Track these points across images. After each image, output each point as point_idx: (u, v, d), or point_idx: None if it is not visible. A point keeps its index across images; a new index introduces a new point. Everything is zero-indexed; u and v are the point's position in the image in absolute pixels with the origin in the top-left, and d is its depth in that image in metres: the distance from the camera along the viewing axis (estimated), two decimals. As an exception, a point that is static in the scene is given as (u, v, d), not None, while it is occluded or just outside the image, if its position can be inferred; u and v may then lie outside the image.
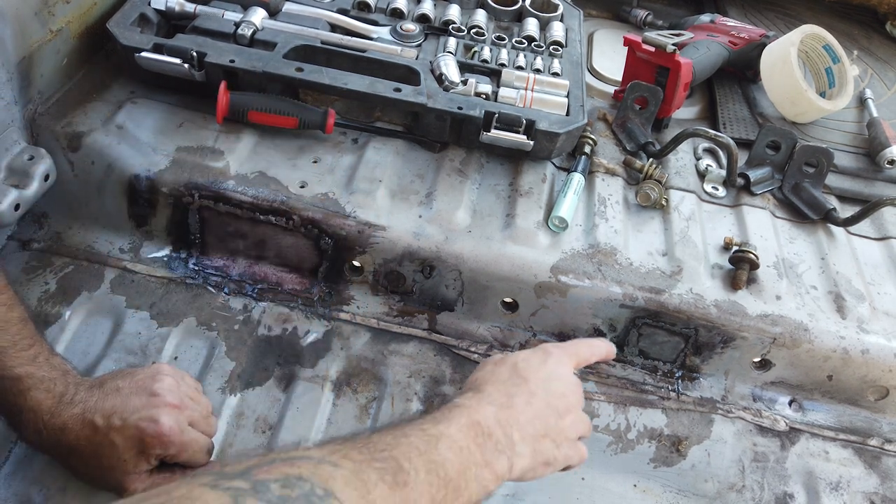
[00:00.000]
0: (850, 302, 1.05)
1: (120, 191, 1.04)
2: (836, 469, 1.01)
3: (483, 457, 0.67)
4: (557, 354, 0.83)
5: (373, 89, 1.08)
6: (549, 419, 0.76)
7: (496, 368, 0.80)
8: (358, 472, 0.56)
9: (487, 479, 0.67)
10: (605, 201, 1.12)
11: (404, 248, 1.02)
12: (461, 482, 0.64)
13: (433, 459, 0.63)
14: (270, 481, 0.50)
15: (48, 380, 0.78)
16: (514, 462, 0.71)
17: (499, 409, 0.73)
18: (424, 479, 0.61)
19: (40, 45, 1.03)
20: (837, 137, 1.34)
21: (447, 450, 0.64)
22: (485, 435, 0.69)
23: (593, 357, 0.90)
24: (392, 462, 0.59)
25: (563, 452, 0.77)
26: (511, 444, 0.71)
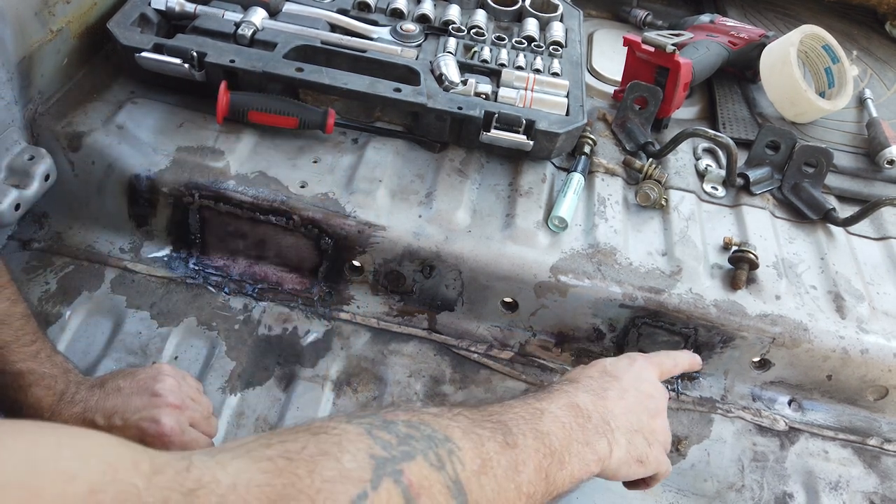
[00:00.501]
0: (849, 302, 1.05)
1: (120, 191, 1.05)
2: (835, 469, 1.01)
3: (584, 436, 0.69)
4: (643, 361, 0.85)
5: (373, 89, 1.08)
6: (642, 416, 0.78)
7: (586, 369, 0.82)
8: (472, 427, 0.60)
9: (589, 459, 0.68)
10: (605, 201, 1.12)
11: (404, 248, 1.02)
12: (565, 455, 0.65)
13: (539, 429, 0.65)
14: (398, 421, 0.55)
15: (49, 377, 0.78)
16: (614, 448, 0.72)
17: (595, 397, 0.74)
18: (532, 444, 0.63)
19: (40, 45, 1.03)
20: (837, 137, 1.34)
21: (551, 423, 0.67)
22: (584, 416, 0.70)
23: (676, 369, 0.91)
24: (502, 426, 0.62)
25: (654, 453, 0.77)
26: (609, 430, 0.72)
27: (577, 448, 0.67)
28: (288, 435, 0.50)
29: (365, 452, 0.50)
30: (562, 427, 0.67)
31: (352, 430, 0.52)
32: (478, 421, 0.61)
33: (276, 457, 0.48)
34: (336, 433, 0.51)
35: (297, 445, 0.49)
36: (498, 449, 0.60)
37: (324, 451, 0.49)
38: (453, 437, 0.57)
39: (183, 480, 0.43)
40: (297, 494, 0.45)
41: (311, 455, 0.48)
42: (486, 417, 0.63)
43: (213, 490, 0.43)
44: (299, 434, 0.50)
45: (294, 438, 0.50)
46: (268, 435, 0.51)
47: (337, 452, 0.49)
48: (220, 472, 0.45)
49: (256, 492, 0.44)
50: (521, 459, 0.61)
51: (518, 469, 0.60)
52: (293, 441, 0.49)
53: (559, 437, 0.66)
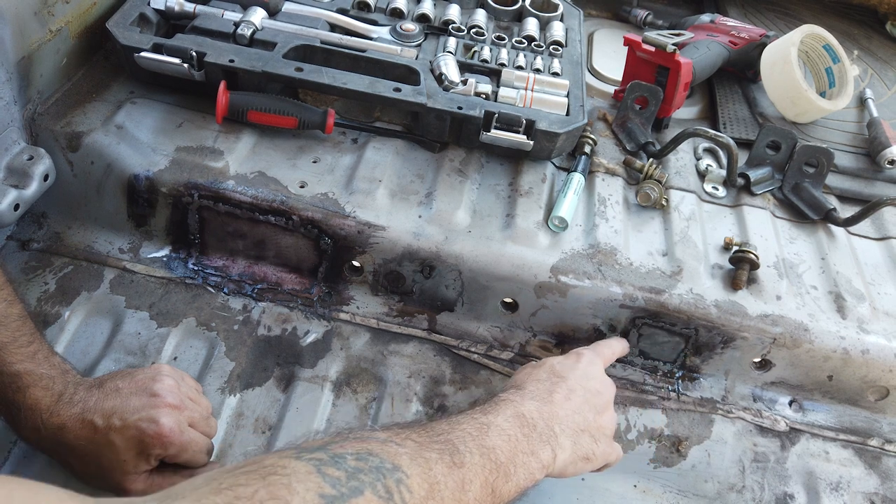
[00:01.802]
0: (850, 302, 1.05)
1: (119, 191, 1.04)
2: (836, 469, 1.01)
3: (529, 446, 0.71)
4: (588, 355, 0.89)
5: (372, 89, 1.08)
6: (588, 415, 0.80)
7: (534, 371, 0.84)
8: (420, 452, 0.61)
9: (534, 467, 0.71)
10: (605, 201, 1.12)
11: (404, 248, 1.02)
12: (510, 467, 0.68)
13: (485, 444, 0.67)
14: (346, 454, 0.56)
15: (47, 377, 0.78)
16: (558, 453, 0.74)
17: (540, 403, 0.77)
18: (478, 461, 0.65)
19: (40, 45, 1.03)
20: (837, 137, 1.34)
21: (497, 437, 0.69)
22: (529, 426, 0.73)
23: (613, 355, 0.96)
24: (449, 445, 0.64)
25: (601, 448, 0.80)
26: (553, 436, 0.74)
27: (523, 458, 0.70)
28: (239, 478, 0.50)
29: (314, 492, 0.51)
30: (507, 440, 0.70)
31: (301, 469, 0.52)
32: (426, 444, 0.63)
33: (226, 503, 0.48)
34: (286, 473, 0.52)
35: (249, 490, 0.49)
36: (445, 471, 0.61)
37: (273, 494, 0.49)
38: (401, 465, 0.58)
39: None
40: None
41: (261, 500, 0.48)
42: (433, 438, 0.64)
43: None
44: (250, 476, 0.51)
45: (245, 482, 0.50)
46: (220, 476, 0.51)
47: (287, 495, 0.49)
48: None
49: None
50: (468, 478, 0.63)
51: (465, 488, 0.62)
52: (244, 486, 0.49)
53: (505, 451, 0.68)
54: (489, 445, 0.67)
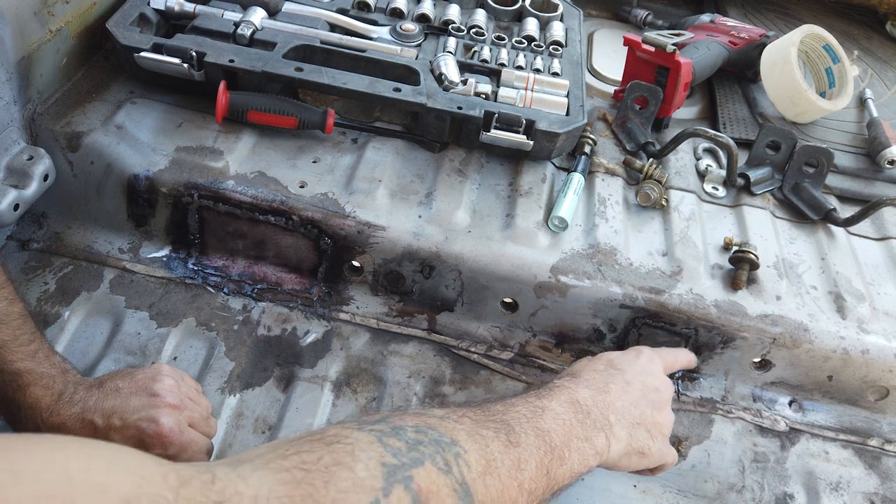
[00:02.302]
0: (850, 302, 1.05)
1: (119, 191, 1.04)
2: (836, 469, 1.01)
3: (583, 431, 0.71)
4: (648, 353, 0.88)
5: (372, 89, 1.08)
6: (645, 409, 0.80)
7: (591, 362, 0.84)
8: (476, 429, 0.62)
9: (588, 454, 0.71)
10: (605, 201, 1.12)
11: (404, 248, 1.02)
12: (565, 451, 0.68)
13: (540, 427, 0.67)
14: (406, 426, 0.57)
15: (48, 377, 0.78)
16: (612, 442, 0.74)
17: (596, 392, 0.77)
18: (533, 442, 0.65)
19: (39, 45, 1.03)
20: (837, 137, 1.34)
21: (552, 420, 0.69)
22: (584, 412, 0.73)
23: (676, 364, 0.94)
24: (504, 424, 0.65)
25: (657, 446, 0.80)
26: (608, 425, 0.74)
27: (577, 444, 0.70)
28: (303, 445, 0.52)
29: (376, 461, 0.52)
30: (562, 424, 0.70)
31: (364, 439, 0.54)
32: (481, 422, 0.64)
33: (293, 468, 0.49)
34: (349, 442, 0.53)
35: (313, 456, 0.51)
36: (501, 448, 0.62)
37: (338, 461, 0.51)
38: (459, 439, 0.59)
39: (208, 492, 0.45)
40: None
41: (326, 465, 0.50)
42: (489, 417, 0.65)
43: (237, 502, 0.45)
44: (314, 444, 0.52)
45: (310, 449, 0.51)
46: (284, 444, 0.52)
47: (350, 462, 0.51)
48: (241, 484, 0.47)
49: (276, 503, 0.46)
50: (524, 458, 0.63)
51: (521, 467, 0.62)
52: (309, 452, 0.51)
53: (559, 434, 0.68)
54: (544, 428, 0.67)
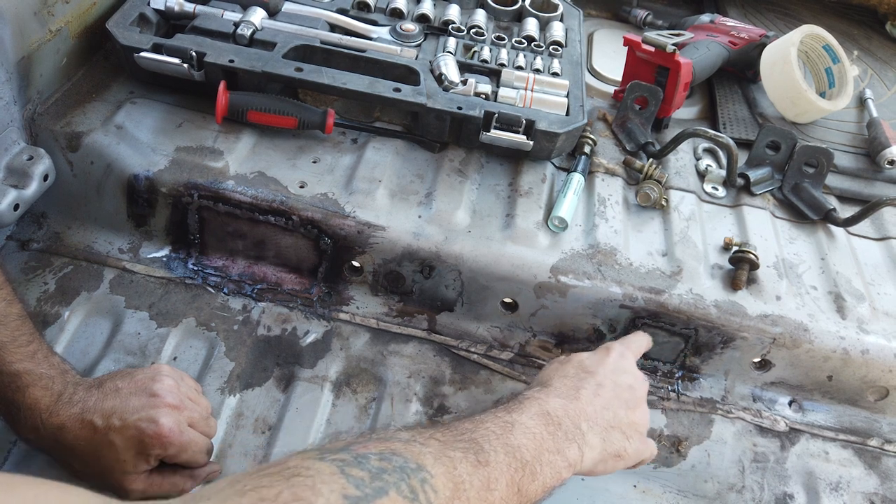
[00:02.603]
0: (850, 302, 1.05)
1: (119, 191, 1.04)
2: (836, 469, 1.01)
3: (555, 444, 0.70)
4: (618, 349, 0.87)
5: (372, 89, 1.08)
6: (619, 411, 0.79)
7: (561, 367, 0.83)
8: (444, 451, 0.60)
9: (560, 466, 0.70)
10: (605, 201, 1.12)
11: (404, 249, 1.02)
12: (536, 466, 0.67)
13: (510, 443, 0.66)
14: (370, 454, 0.55)
15: (47, 377, 0.78)
16: (585, 451, 0.73)
17: (566, 400, 0.75)
18: (503, 460, 0.64)
19: (39, 45, 1.03)
20: (837, 137, 1.34)
21: (522, 435, 0.68)
22: (555, 424, 0.71)
23: (641, 349, 0.94)
24: (473, 444, 0.63)
25: (633, 445, 0.79)
26: (580, 434, 0.73)
27: (548, 457, 0.69)
28: (262, 479, 0.50)
29: (338, 493, 0.50)
30: (532, 438, 0.68)
31: (325, 470, 0.52)
32: (449, 442, 0.62)
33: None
34: (310, 475, 0.51)
35: (272, 492, 0.48)
36: (470, 469, 0.60)
37: (297, 496, 0.48)
38: (425, 464, 0.57)
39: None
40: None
41: (285, 501, 0.48)
42: (457, 437, 0.63)
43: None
44: (273, 478, 0.50)
45: (269, 484, 0.49)
46: (243, 479, 0.50)
47: (311, 497, 0.49)
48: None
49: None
50: (494, 477, 0.62)
51: (490, 487, 0.61)
52: (268, 487, 0.49)
53: (530, 449, 0.67)
54: (514, 444, 0.66)
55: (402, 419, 0.96)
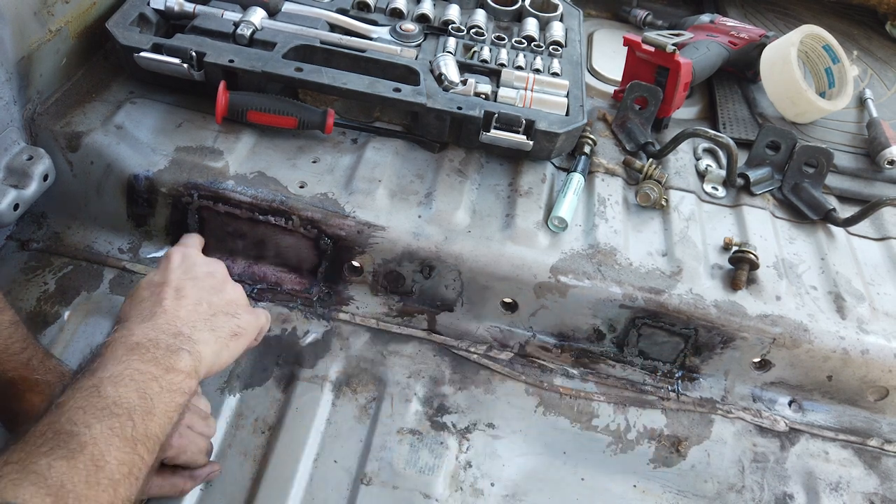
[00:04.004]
0: (849, 302, 1.05)
1: (119, 191, 1.04)
2: (835, 469, 1.01)
3: (159, 368, 0.66)
4: (178, 250, 0.84)
5: (372, 89, 1.08)
6: (211, 298, 0.77)
7: (134, 295, 0.77)
8: (25, 467, 0.54)
9: (176, 383, 0.66)
10: (605, 201, 1.12)
11: (404, 249, 1.02)
12: (146, 403, 0.63)
13: (102, 405, 0.61)
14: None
15: (44, 383, 0.78)
16: (200, 350, 0.70)
17: (152, 321, 0.71)
18: (101, 428, 0.59)
19: (39, 45, 1.03)
20: (837, 137, 1.34)
21: (113, 388, 0.62)
22: (149, 348, 0.67)
23: (195, 242, 0.93)
24: (58, 437, 0.58)
25: (244, 319, 0.78)
26: (184, 339, 0.70)
27: (158, 384, 0.65)
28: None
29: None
30: (129, 381, 0.63)
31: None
32: (31, 454, 0.56)
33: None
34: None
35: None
36: (65, 467, 0.55)
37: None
38: (7, 496, 0.52)
39: None
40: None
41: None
42: (38, 441, 0.57)
43: None
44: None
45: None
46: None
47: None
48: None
49: None
50: (98, 454, 0.57)
51: (98, 466, 0.57)
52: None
53: (130, 393, 0.63)
54: (108, 403, 0.61)
55: (402, 419, 0.96)
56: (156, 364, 0.66)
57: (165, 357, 0.67)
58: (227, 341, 0.74)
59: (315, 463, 0.91)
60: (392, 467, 0.91)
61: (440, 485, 0.91)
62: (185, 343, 0.70)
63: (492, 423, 0.98)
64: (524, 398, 1.01)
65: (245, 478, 0.88)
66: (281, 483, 0.88)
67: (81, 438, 0.58)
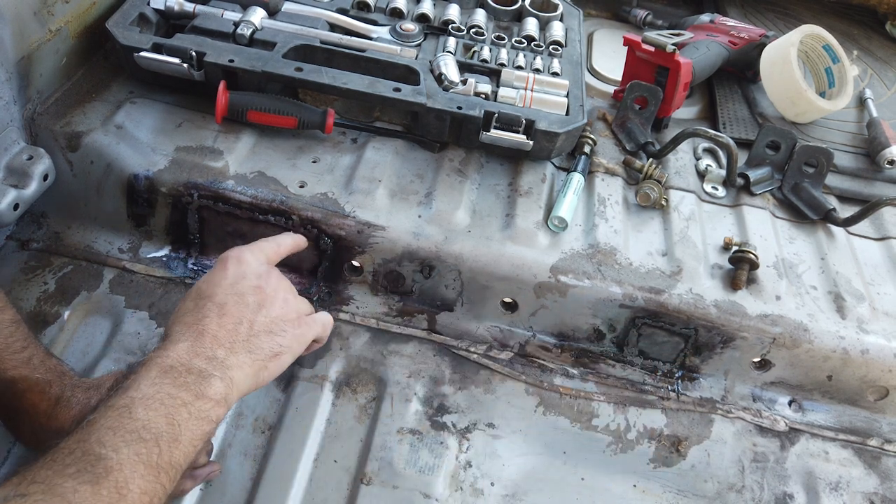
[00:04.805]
0: (849, 302, 1.05)
1: (119, 190, 1.04)
2: (835, 469, 1.01)
3: (189, 393, 0.65)
4: (235, 256, 0.81)
5: (372, 89, 1.08)
6: (254, 317, 0.75)
7: (181, 304, 0.77)
8: (51, 490, 0.54)
9: (206, 409, 0.66)
10: (605, 201, 1.12)
11: (404, 248, 1.02)
12: (174, 430, 0.63)
13: (131, 429, 0.61)
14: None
15: (44, 382, 0.78)
16: (234, 375, 0.69)
17: (191, 341, 0.70)
18: (129, 453, 0.59)
19: (39, 45, 1.03)
20: (837, 137, 1.34)
21: (143, 410, 0.62)
22: (184, 373, 0.67)
23: (283, 248, 0.89)
24: (87, 456, 0.58)
25: (288, 337, 0.76)
26: (219, 364, 0.69)
27: (187, 410, 0.64)
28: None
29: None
30: (159, 405, 0.63)
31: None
32: (58, 473, 0.56)
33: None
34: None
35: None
36: (90, 492, 0.55)
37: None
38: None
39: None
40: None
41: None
42: (66, 460, 0.57)
43: None
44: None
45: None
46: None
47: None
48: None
49: None
50: (122, 481, 0.57)
51: (122, 493, 0.57)
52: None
53: (160, 418, 0.62)
54: (138, 426, 0.61)
55: (402, 419, 0.96)
56: (187, 389, 0.66)
57: (197, 383, 0.66)
58: (265, 362, 0.73)
59: (315, 463, 0.91)
60: (392, 467, 0.91)
61: (440, 484, 0.91)
62: (218, 369, 0.69)
63: (492, 422, 0.98)
64: (524, 398, 1.01)
65: (245, 478, 0.88)
66: (281, 483, 0.88)
67: (108, 462, 0.58)
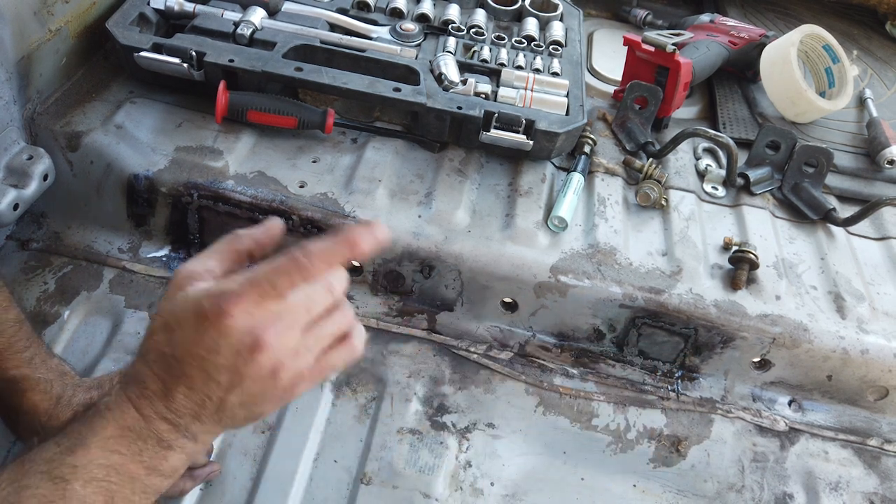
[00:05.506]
0: (849, 302, 1.05)
1: (119, 190, 1.04)
2: (835, 469, 1.01)
3: (143, 467, 0.56)
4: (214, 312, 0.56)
5: (372, 89, 1.08)
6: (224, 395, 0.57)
7: (152, 336, 0.58)
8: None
9: (154, 484, 0.57)
10: (605, 201, 1.12)
11: (404, 248, 1.02)
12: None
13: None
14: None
15: (45, 381, 0.78)
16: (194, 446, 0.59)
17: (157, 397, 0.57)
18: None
19: (39, 45, 1.03)
20: (837, 137, 1.34)
21: (82, 487, 0.53)
22: (142, 437, 0.56)
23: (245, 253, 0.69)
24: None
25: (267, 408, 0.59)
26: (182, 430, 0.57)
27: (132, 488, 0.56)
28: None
29: None
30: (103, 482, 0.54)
31: None
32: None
33: None
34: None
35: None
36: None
37: None
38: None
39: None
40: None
41: None
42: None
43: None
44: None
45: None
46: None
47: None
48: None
49: None
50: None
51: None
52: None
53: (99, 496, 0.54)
54: None
55: (402, 419, 0.96)
56: (139, 462, 0.56)
57: (152, 453, 0.57)
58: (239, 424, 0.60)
59: (315, 463, 0.91)
60: (392, 467, 0.91)
61: (440, 484, 0.91)
62: (179, 439, 0.57)
63: (492, 422, 0.98)
64: (524, 398, 1.01)
65: (245, 478, 0.88)
66: (281, 483, 0.88)
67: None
